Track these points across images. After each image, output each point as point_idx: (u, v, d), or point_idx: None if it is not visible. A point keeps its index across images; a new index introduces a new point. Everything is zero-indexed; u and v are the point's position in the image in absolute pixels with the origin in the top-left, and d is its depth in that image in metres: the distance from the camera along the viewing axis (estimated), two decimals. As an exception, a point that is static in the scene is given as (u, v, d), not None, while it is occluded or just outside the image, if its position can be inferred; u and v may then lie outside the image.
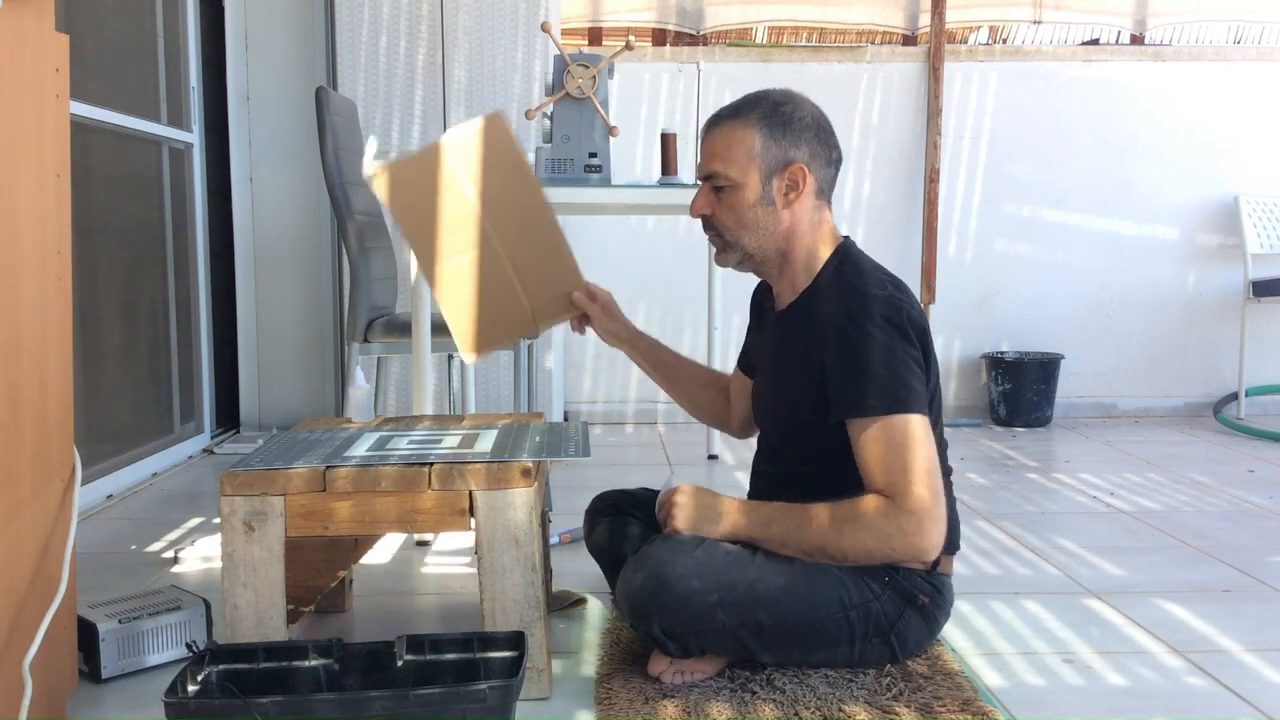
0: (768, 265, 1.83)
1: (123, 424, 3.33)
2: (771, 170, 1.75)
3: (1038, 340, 4.50)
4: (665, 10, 4.49)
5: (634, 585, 1.68)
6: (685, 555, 1.67)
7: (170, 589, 2.01)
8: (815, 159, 1.77)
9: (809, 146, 1.77)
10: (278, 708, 1.37)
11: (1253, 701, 1.71)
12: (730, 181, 1.76)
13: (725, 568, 1.67)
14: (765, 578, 1.68)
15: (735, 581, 1.66)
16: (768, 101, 1.78)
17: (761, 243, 1.79)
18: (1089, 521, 2.83)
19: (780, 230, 1.78)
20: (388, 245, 3.18)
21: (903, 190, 4.43)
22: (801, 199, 1.77)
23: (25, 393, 1.52)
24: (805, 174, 1.76)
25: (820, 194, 1.80)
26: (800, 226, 1.79)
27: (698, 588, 1.65)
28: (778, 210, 1.77)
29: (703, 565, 1.67)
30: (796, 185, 1.76)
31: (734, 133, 1.76)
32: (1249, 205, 4.39)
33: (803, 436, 1.81)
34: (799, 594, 1.69)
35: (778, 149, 1.75)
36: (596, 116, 2.75)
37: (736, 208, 1.77)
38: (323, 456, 1.74)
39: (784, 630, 1.69)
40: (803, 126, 1.76)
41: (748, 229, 1.78)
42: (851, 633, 1.72)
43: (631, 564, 1.72)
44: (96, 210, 3.13)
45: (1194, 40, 4.59)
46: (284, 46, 4.13)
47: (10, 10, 1.47)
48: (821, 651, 1.73)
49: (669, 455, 3.71)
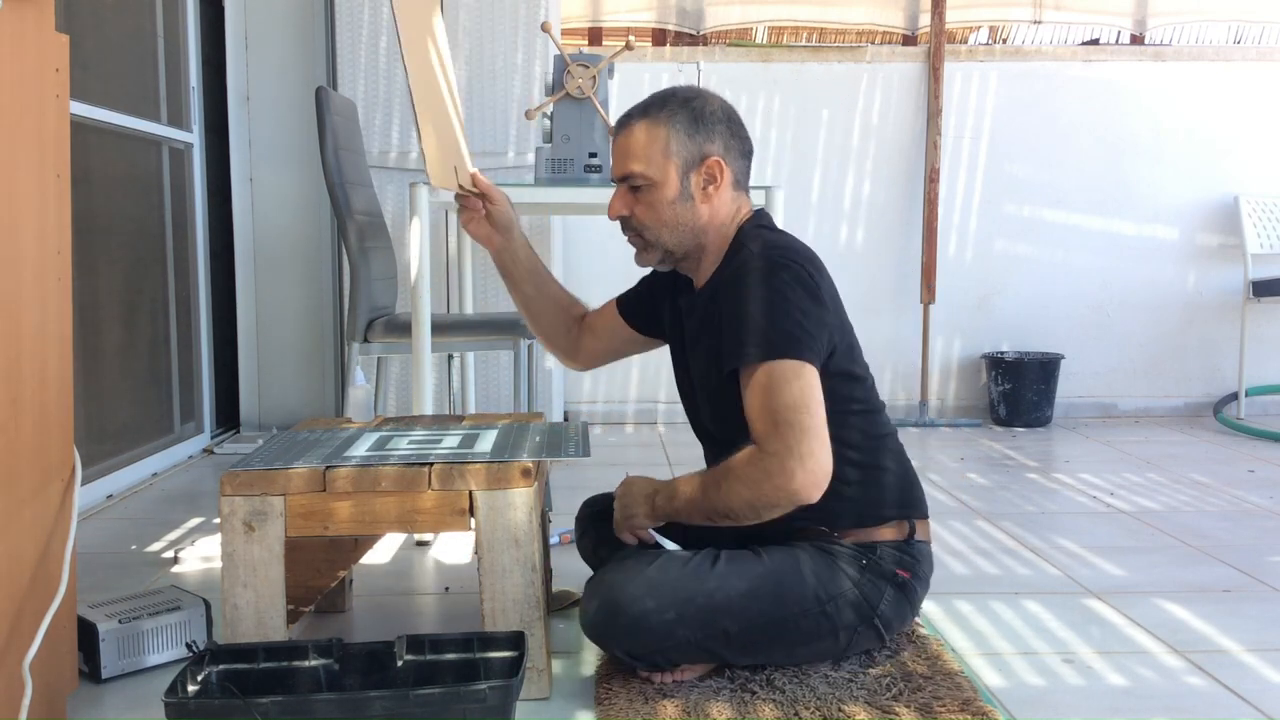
0: (688, 260, 1.83)
1: (123, 424, 3.33)
2: (689, 166, 1.76)
3: (1038, 340, 4.49)
4: (665, 10, 4.49)
5: (590, 614, 1.70)
6: (637, 576, 1.67)
7: (170, 589, 2.01)
8: (730, 151, 1.78)
9: (722, 139, 1.77)
10: (278, 708, 1.37)
11: (1253, 701, 1.71)
12: (648, 180, 1.76)
13: (681, 582, 1.66)
14: (726, 585, 1.67)
15: (693, 595, 1.66)
16: (676, 99, 1.78)
17: (681, 239, 1.79)
18: (1089, 521, 2.83)
19: (699, 224, 1.78)
20: (388, 245, 3.18)
21: (903, 190, 4.43)
22: (720, 191, 1.78)
23: (25, 393, 1.52)
24: (722, 167, 1.77)
25: (737, 185, 1.81)
26: (718, 218, 1.79)
27: (652, 607, 1.64)
28: (696, 205, 1.77)
29: (656, 584, 1.66)
30: (714, 178, 1.77)
31: (647, 131, 1.77)
32: (1249, 205, 4.39)
33: (728, 409, 1.75)
34: (766, 595, 1.68)
35: (692, 144, 1.75)
36: (596, 116, 2.75)
37: (656, 206, 1.77)
38: (323, 456, 1.74)
39: (756, 634, 1.69)
40: (714, 120, 1.77)
41: (668, 226, 1.78)
42: (833, 625, 1.71)
43: (587, 590, 1.73)
44: (96, 210, 3.13)
45: (1194, 40, 4.59)
46: (284, 46, 4.13)
47: (10, 10, 1.47)
48: (804, 648, 1.73)
49: (669, 455, 3.70)
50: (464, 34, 3.78)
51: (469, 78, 3.79)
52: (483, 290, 3.86)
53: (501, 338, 2.84)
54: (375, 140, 3.78)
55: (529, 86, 3.80)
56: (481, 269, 3.86)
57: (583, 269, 4.37)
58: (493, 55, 3.79)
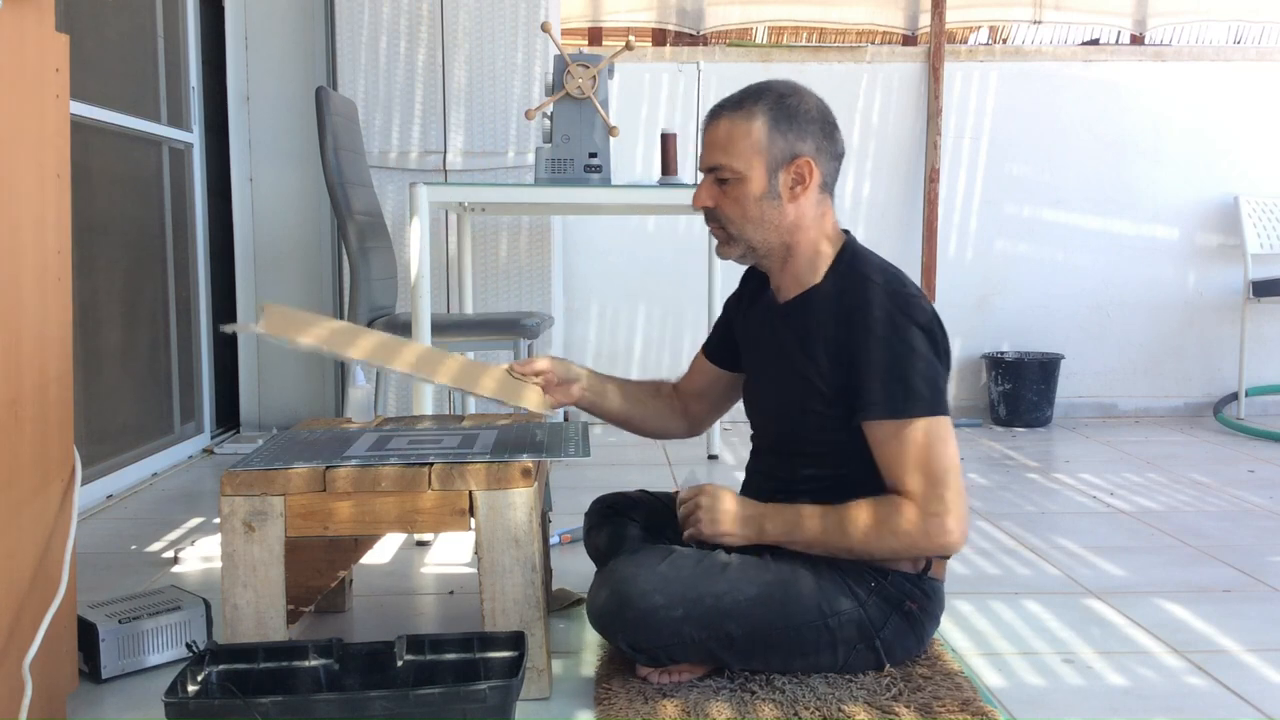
0: (770, 259, 1.81)
1: (123, 424, 3.33)
2: (777, 163, 1.73)
3: (1038, 340, 4.49)
4: (665, 10, 4.49)
5: (598, 603, 1.69)
6: (649, 570, 1.66)
7: (170, 589, 2.01)
8: (821, 152, 1.75)
9: (814, 140, 1.75)
10: (278, 708, 1.37)
11: (1253, 701, 1.71)
12: (735, 174, 1.74)
13: (692, 581, 1.66)
14: (735, 589, 1.67)
15: (701, 595, 1.65)
16: (772, 93, 1.75)
17: (766, 236, 1.77)
18: (1089, 521, 2.83)
19: (785, 224, 1.76)
20: (388, 245, 3.18)
21: (903, 190, 4.43)
22: (807, 192, 1.75)
23: (25, 393, 1.52)
24: (811, 167, 1.74)
25: (824, 187, 1.78)
26: (805, 220, 1.77)
27: (661, 603, 1.64)
28: (783, 204, 1.75)
29: (667, 580, 1.66)
30: (803, 179, 1.74)
31: (738, 125, 1.74)
32: (1249, 205, 4.39)
33: (807, 430, 1.78)
34: (773, 603, 1.67)
35: (784, 142, 1.73)
36: (596, 116, 2.75)
37: (741, 200, 1.75)
38: (323, 456, 1.74)
39: (757, 640, 1.68)
40: (808, 119, 1.74)
41: (752, 222, 1.76)
42: (833, 639, 1.70)
43: (597, 580, 1.73)
44: (96, 210, 3.13)
45: (1194, 40, 4.58)
46: (284, 46, 4.13)
47: (10, 10, 1.47)
48: (800, 659, 1.72)
49: (669, 455, 3.70)
50: (464, 34, 3.78)
51: (469, 78, 3.79)
52: (483, 290, 3.86)
53: (501, 338, 2.84)
54: (375, 140, 3.78)
55: (529, 86, 3.80)
56: (481, 269, 3.86)
57: (582, 269, 4.37)
58: (493, 55, 3.79)
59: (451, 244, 3.79)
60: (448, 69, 3.78)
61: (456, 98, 3.79)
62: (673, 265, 4.37)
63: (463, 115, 3.79)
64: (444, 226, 3.80)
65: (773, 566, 1.71)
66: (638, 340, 4.44)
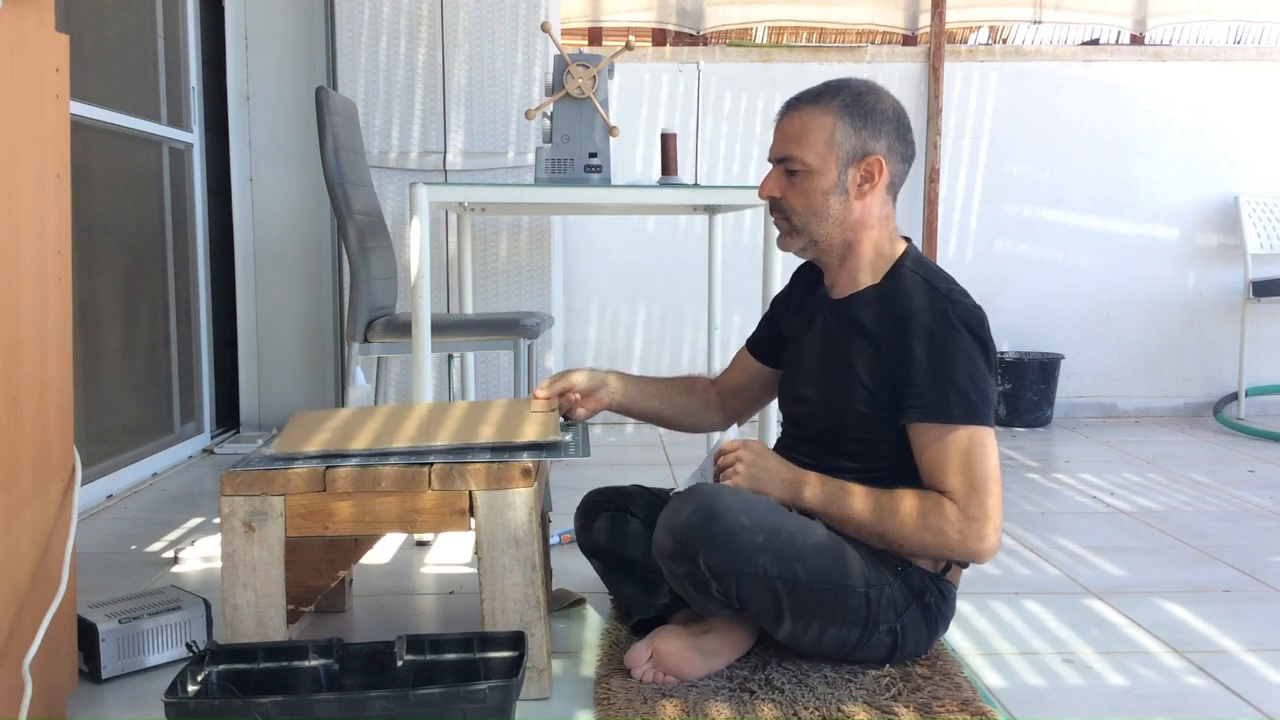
0: (830, 254, 1.82)
1: (123, 424, 3.33)
2: (849, 160, 1.74)
3: (1038, 340, 4.49)
4: (665, 10, 4.49)
5: (681, 517, 1.65)
6: (733, 494, 1.68)
7: (170, 589, 2.01)
8: (892, 153, 1.77)
9: (888, 140, 1.76)
10: (278, 708, 1.37)
11: (1253, 701, 1.71)
12: (805, 167, 1.75)
13: (770, 513, 1.68)
14: (805, 532, 1.69)
15: (779, 527, 1.67)
16: (850, 90, 1.76)
17: (829, 231, 1.78)
18: (1089, 521, 2.83)
19: (850, 221, 1.77)
20: (388, 245, 3.18)
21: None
22: (875, 191, 1.77)
23: (25, 393, 1.52)
24: (882, 166, 1.75)
25: (891, 188, 1.80)
26: (869, 219, 1.78)
27: (746, 524, 1.64)
28: (850, 200, 1.76)
29: (751, 505, 1.67)
30: (872, 177, 1.75)
31: (814, 118, 1.75)
32: (1249, 205, 4.39)
33: (848, 429, 1.79)
34: (832, 556, 1.69)
35: (857, 139, 1.74)
36: (596, 116, 2.75)
37: (809, 193, 1.76)
38: (323, 457, 1.73)
39: (814, 590, 1.68)
40: (884, 119, 1.75)
41: (818, 216, 1.77)
42: (867, 614, 1.71)
43: (678, 498, 1.70)
44: (96, 210, 3.13)
45: (1194, 40, 4.58)
46: (284, 46, 4.13)
47: (10, 10, 1.47)
48: (835, 628, 1.72)
49: (669, 455, 3.70)
50: (464, 34, 3.78)
51: (469, 78, 3.79)
52: (483, 290, 3.86)
53: (501, 338, 2.84)
54: (375, 140, 3.78)
55: (529, 86, 3.80)
56: (481, 269, 3.86)
57: (582, 269, 4.37)
58: (493, 55, 3.79)
59: (451, 244, 3.80)
60: (448, 69, 3.78)
61: (456, 98, 3.79)
62: (673, 265, 4.37)
63: (463, 115, 3.79)
64: (444, 226, 3.80)
65: (828, 531, 1.72)
66: (638, 340, 4.44)
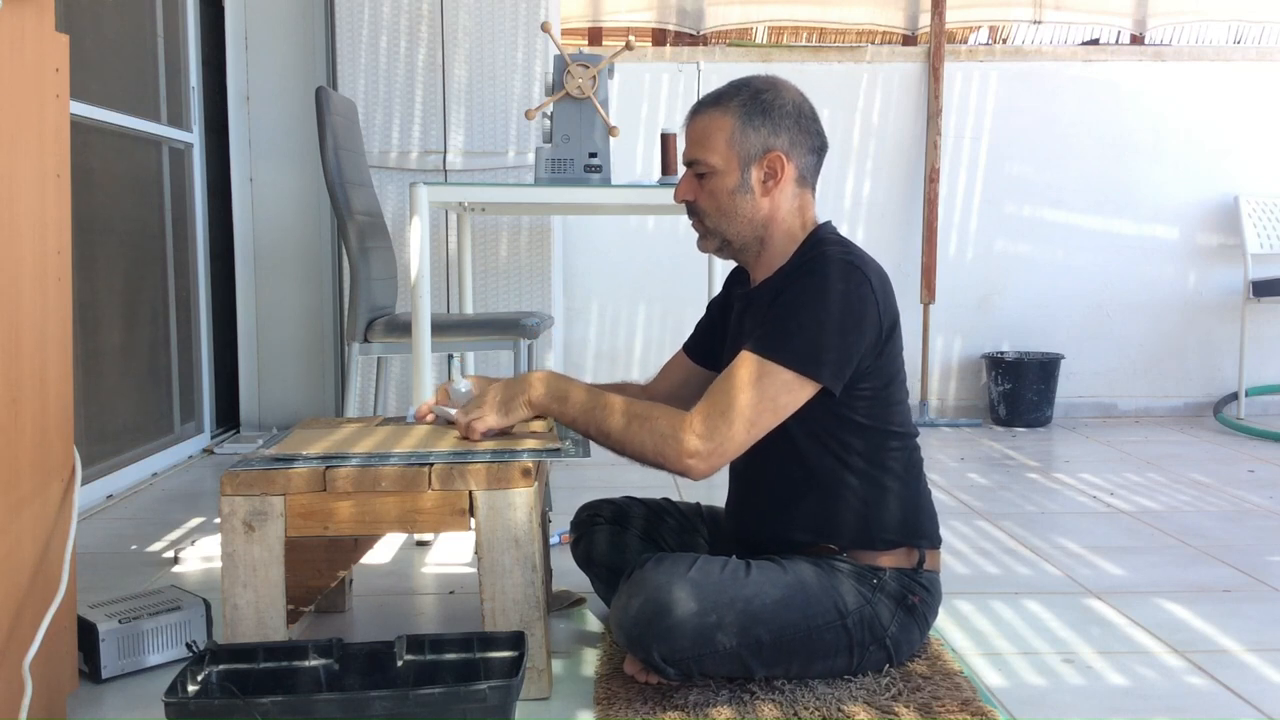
0: (746, 252, 1.83)
1: (123, 424, 3.33)
2: (751, 158, 1.76)
3: (1038, 340, 4.50)
4: (665, 10, 4.49)
5: (630, 612, 1.65)
6: (681, 578, 1.64)
7: (170, 589, 2.01)
8: (796, 147, 1.77)
9: (789, 134, 1.76)
10: (278, 708, 1.37)
11: (1253, 701, 1.71)
12: (710, 168, 1.77)
13: (721, 586, 1.65)
14: (762, 592, 1.66)
15: (733, 599, 1.64)
16: (749, 89, 1.77)
17: (740, 229, 1.79)
18: (1089, 521, 2.83)
19: (759, 218, 1.78)
20: (388, 245, 3.18)
21: (903, 190, 4.43)
22: (781, 187, 1.77)
23: (25, 393, 1.52)
24: (784, 162, 1.76)
25: (802, 181, 1.80)
26: (779, 214, 1.79)
27: (696, 610, 1.62)
28: (756, 198, 1.77)
29: (699, 586, 1.64)
30: (775, 173, 1.76)
31: (715, 120, 1.77)
32: (1249, 205, 4.39)
33: None
34: (796, 605, 1.67)
35: (756, 137, 1.75)
36: (596, 116, 2.75)
37: (717, 194, 1.78)
38: (323, 457, 1.73)
39: (783, 645, 1.67)
40: (783, 114, 1.76)
41: (726, 216, 1.78)
42: (849, 641, 1.70)
43: (625, 590, 1.68)
44: (96, 210, 3.13)
45: (1194, 40, 4.59)
46: (284, 46, 4.13)
47: (10, 10, 1.47)
48: (820, 663, 1.71)
49: (669, 455, 3.70)
50: (464, 34, 3.78)
51: (469, 78, 3.79)
52: (483, 290, 3.86)
53: (501, 338, 2.84)
54: (375, 140, 3.78)
55: (529, 86, 3.80)
56: (481, 269, 3.86)
57: (582, 269, 4.37)
58: (493, 55, 3.79)
59: (451, 244, 3.79)
60: (448, 68, 3.78)
61: (456, 97, 3.79)
62: (673, 265, 4.37)
63: (463, 115, 3.79)
64: (444, 226, 3.80)
65: (788, 571, 1.70)
66: (638, 340, 4.44)
